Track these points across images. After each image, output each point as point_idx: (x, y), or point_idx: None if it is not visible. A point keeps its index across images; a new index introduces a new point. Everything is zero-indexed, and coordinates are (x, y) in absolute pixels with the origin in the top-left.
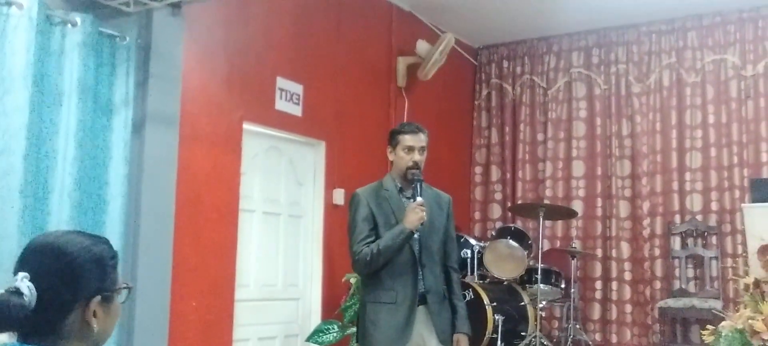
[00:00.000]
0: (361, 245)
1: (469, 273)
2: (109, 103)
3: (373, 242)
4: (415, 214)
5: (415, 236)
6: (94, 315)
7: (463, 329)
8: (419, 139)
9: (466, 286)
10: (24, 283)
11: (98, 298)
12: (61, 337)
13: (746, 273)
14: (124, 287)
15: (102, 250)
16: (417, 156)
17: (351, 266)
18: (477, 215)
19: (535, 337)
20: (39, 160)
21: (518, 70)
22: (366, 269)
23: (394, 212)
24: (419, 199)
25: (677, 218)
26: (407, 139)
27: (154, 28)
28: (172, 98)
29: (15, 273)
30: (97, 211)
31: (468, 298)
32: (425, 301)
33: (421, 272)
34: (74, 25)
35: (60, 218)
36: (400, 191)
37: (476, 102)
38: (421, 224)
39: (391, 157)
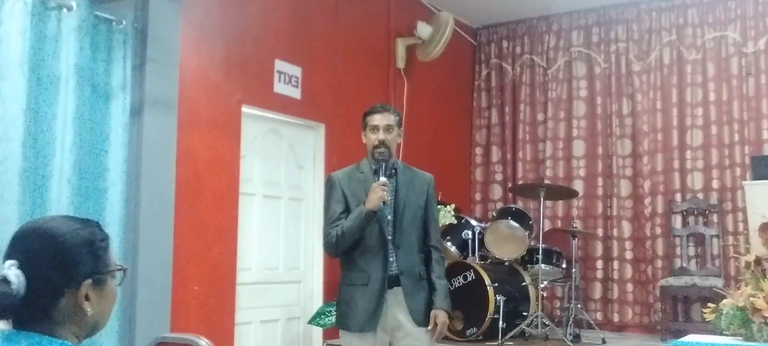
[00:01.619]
0: (330, 227)
1: (470, 254)
2: (106, 88)
3: None
4: (374, 193)
5: (388, 217)
6: (87, 299)
7: (441, 305)
8: (384, 118)
9: (467, 267)
10: (11, 271)
11: (89, 281)
12: (55, 322)
13: (747, 251)
14: (118, 269)
15: (91, 232)
16: (381, 135)
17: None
18: (478, 196)
19: (536, 317)
20: (37, 146)
21: (518, 49)
22: (334, 251)
23: (367, 193)
24: (382, 179)
25: (678, 197)
26: (373, 119)
27: (151, 12)
28: (169, 82)
29: (3, 261)
30: (96, 196)
31: (469, 279)
32: (399, 282)
33: (393, 253)
34: (70, 9)
35: (59, 204)
36: (375, 172)
37: (476, 82)
38: (384, 203)
39: (363, 139)
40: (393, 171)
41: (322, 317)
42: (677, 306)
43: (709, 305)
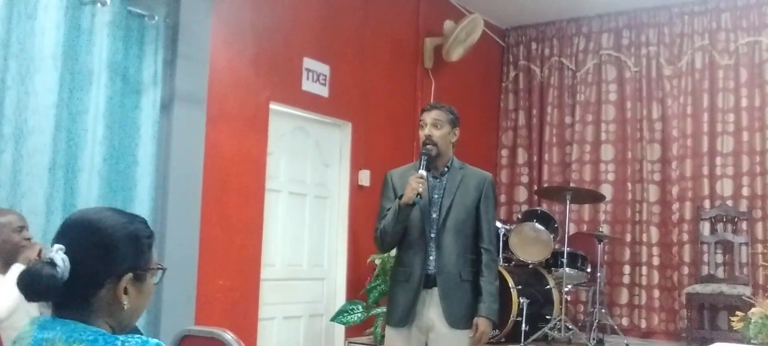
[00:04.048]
0: (378, 223)
1: None
2: (137, 83)
3: None
4: (408, 186)
5: (433, 215)
6: (126, 292)
7: (486, 312)
8: (430, 115)
9: None
10: (58, 255)
11: (130, 275)
12: (92, 311)
13: None
14: (158, 268)
15: (137, 228)
16: (427, 130)
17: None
18: (503, 198)
19: (559, 320)
20: (69, 138)
21: (547, 52)
22: (380, 246)
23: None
24: (420, 172)
25: (707, 203)
26: (422, 117)
27: (183, 8)
28: (199, 78)
29: (52, 245)
30: (125, 189)
31: None
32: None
33: (433, 251)
34: (104, 4)
35: (89, 196)
36: (429, 170)
37: (504, 84)
38: (419, 196)
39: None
40: (445, 169)
41: (345, 314)
42: (703, 314)
43: (738, 313)
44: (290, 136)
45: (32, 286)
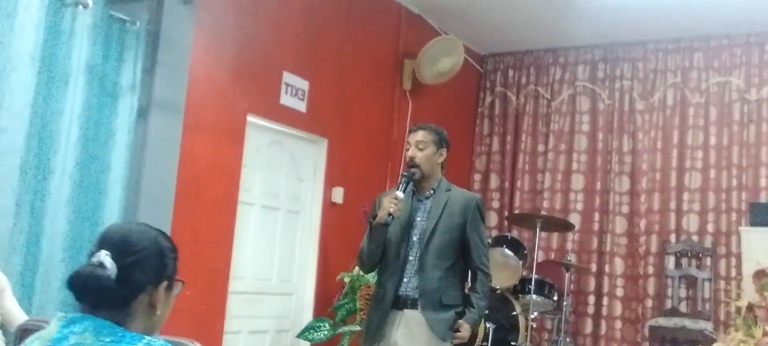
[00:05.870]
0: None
1: None
2: (115, 88)
3: None
4: (382, 206)
5: (414, 238)
6: (159, 300)
7: (467, 319)
8: (415, 137)
9: None
10: (107, 259)
11: (165, 283)
12: (129, 315)
13: (739, 296)
14: (180, 281)
15: (169, 241)
16: (411, 152)
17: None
18: None
19: None
20: (42, 140)
21: (523, 80)
22: (360, 267)
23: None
24: (397, 192)
25: (673, 237)
26: (407, 139)
27: (165, 15)
28: (178, 86)
29: (93, 252)
30: (96, 194)
31: None
32: (414, 304)
33: (411, 274)
34: (86, 7)
35: (59, 199)
36: (414, 192)
37: (479, 109)
38: (391, 216)
39: None
40: (431, 191)
41: (312, 331)
42: None
43: None
44: (266, 150)
45: (87, 286)
